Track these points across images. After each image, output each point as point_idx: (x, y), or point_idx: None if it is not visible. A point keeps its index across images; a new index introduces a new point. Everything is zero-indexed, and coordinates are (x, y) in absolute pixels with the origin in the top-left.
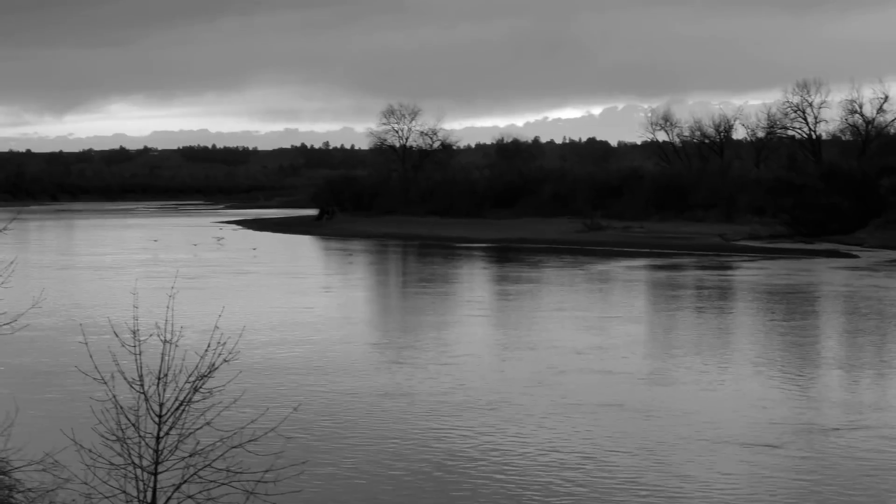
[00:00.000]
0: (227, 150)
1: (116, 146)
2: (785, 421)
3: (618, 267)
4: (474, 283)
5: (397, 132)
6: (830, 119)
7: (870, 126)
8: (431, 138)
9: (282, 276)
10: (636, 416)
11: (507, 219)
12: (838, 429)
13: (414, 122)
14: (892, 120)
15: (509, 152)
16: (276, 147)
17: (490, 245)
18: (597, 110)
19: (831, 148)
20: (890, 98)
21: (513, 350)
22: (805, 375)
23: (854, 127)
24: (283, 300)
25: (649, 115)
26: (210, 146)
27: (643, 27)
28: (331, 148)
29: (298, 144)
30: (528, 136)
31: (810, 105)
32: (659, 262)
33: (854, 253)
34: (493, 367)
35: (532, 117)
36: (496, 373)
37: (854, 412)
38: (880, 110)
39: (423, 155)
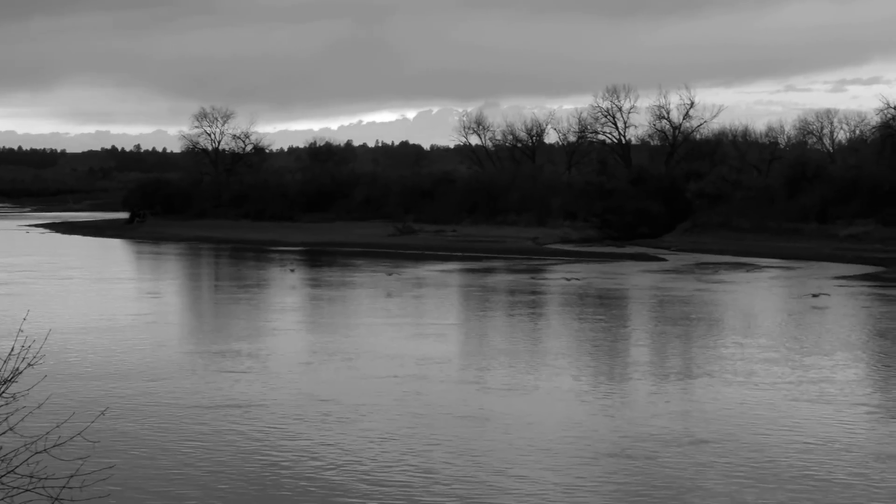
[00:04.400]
0: (34, 152)
1: None
2: (614, 429)
3: (432, 271)
4: (290, 287)
5: (210, 135)
6: (639, 124)
7: (677, 131)
8: (244, 142)
9: (93, 280)
10: (483, 427)
11: (319, 222)
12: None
13: (226, 126)
14: (698, 126)
15: (322, 156)
16: (86, 149)
17: (303, 249)
18: (411, 114)
19: (640, 153)
20: (696, 104)
21: (335, 356)
22: (616, 383)
23: (662, 132)
24: (94, 305)
25: (463, 118)
26: (17, 148)
27: (459, 31)
28: (142, 151)
29: (109, 147)
30: (341, 140)
31: (620, 110)
32: (472, 265)
33: (662, 256)
34: (322, 376)
35: (346, 121)
36: (324, 382)
37: (672, 419)
38: (686, 116)
39: (236, 158)
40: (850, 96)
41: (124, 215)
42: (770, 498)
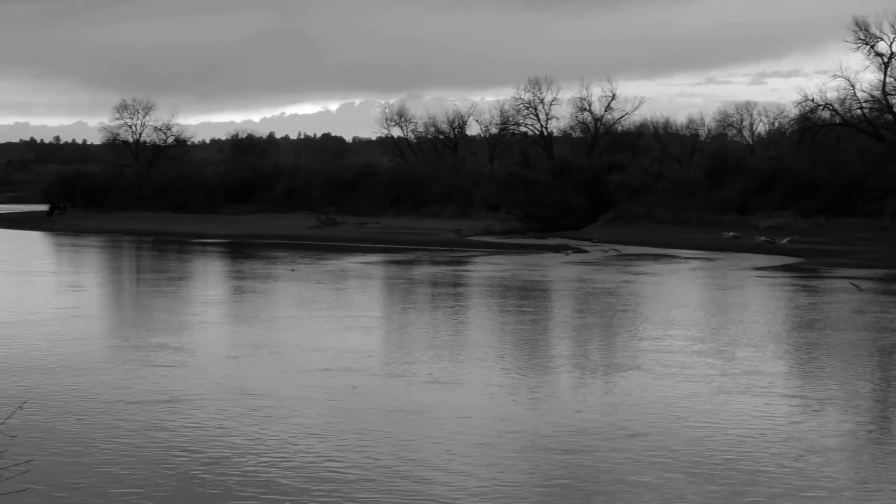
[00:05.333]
0: None
1: None
2: (547, 423)
3: (355, 263)
4: (214, 279)
5: (130, 127)
6: (561, 116)
7: (598, 123)
8: (165, 133)
9: (12, 273)
10: (416, 421)
11: (241, 214)
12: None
13: (147, 117)
14: (620, 117)
15: (244, 148)
16: (4, 141)
17: (226, 241)
18: (334, 106)
19: (563, 144)
20: (617, 96)
21: (262, 350)
22: (546, 376)
23: (584, 124)
24: (14, 298)
25: (385, 110)
26: None
27: (382, 23)
28: (62, 143)
29: (28, 139)
30: (263, 132)
31: (542, 102)
32: (396, 257)
33: (584, 248)
34: (250, 369)
35: (269, 113)
36: (252, 376)
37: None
38: (608, 108)
39: (157, 150)
40: (770, 89)
41: (44, 208)
42: (705, 490)
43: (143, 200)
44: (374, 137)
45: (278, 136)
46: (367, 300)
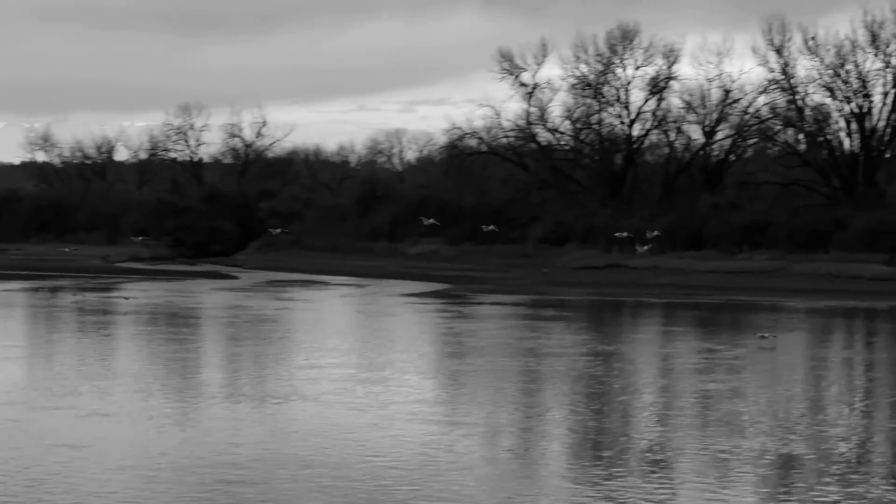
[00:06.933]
0: None
1: None
2: (218, 453)
3: None
4: None
5: None
6: (212, 142)
7: (249, 149)
8: None
9: None
10: (82, 456)
11: None
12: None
13: None
14: (271, 144)
15: None
16: None
17: None
18: None
19: (214, 171)
20: (269, 123)
21: None
22: (213, 407)
23: (235, 150)
24: None
25: (29, 134)
26: None
27: (27, 44)
28: None
29: None
30: None
31: (192, 128)
32: (41, 284)
33: (234, 274)
34: None
35: None
36: None
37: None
38: (259, 134)
39: None
40: (420, 117)
41: None
42: None
43: None
44: (17, 162)
45: None
46: (14, 330)
